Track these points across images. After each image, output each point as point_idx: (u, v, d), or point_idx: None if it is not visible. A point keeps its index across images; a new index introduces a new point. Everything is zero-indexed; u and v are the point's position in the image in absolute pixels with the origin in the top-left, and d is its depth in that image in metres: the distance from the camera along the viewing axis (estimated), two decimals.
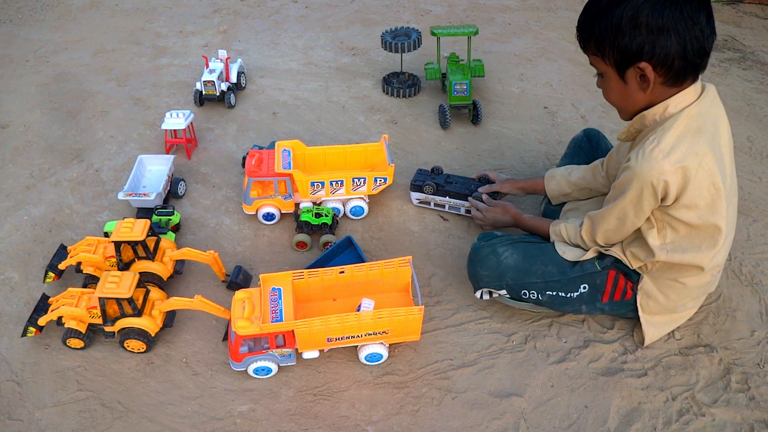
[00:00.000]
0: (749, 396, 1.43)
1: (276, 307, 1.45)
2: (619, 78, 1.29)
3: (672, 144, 1.24)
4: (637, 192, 1.29)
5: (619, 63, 1.27)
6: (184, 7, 3.25)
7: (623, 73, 1.28)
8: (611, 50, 1.26)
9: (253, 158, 1.86)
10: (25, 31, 3.03)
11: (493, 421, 1.40)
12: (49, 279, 1.67)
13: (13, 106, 2.46)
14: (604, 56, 1.28)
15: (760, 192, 2.01)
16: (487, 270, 1.52)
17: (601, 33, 1.25)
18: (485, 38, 2.88)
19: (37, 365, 1.52)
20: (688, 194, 1.26)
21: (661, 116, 1.29)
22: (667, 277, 1.42)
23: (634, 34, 1.21)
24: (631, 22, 1.21)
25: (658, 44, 1.21)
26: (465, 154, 2.19)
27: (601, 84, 1.37)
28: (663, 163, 1.23)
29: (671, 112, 1.27)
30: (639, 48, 1.22)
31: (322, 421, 1.40)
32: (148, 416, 1.41)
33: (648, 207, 1.31)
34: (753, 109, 2.44)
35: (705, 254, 1.36)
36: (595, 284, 1.48)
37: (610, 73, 1.31)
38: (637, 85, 1.28)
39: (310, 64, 2.73)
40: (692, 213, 1.30)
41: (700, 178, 1.25)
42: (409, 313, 1.43)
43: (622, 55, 1.25)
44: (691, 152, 1.24)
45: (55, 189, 2.05)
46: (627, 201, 1.32)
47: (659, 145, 1.24)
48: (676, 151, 1.23)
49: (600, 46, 1.27)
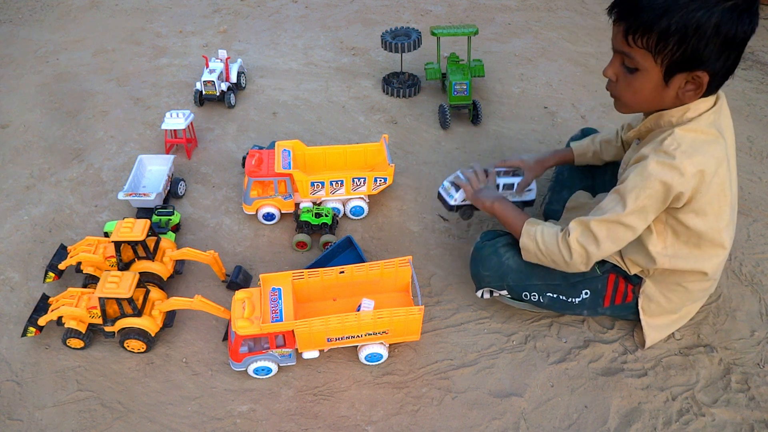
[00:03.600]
0: (749, 396, 1.43)
1: (276, 307, 1.45)
2: (662, 79, 1.20)
3: (694, 147, 1.20)
4: (650, 191, 1.22)
5: (676, 66, 1.16)
6: (184, 7, 3.25)
7: (671, 76, 1.18)
8: (674, 50, 1.14)
9: (253, 158, 1.87)
10: (25, 31, 3.03)
11: (493, 421, 1.40)
12: (49, 279, 1.67)
13: (13, 106, 2.46)
14: (659, 53, 1.16)
15: (760, 192, 2.01)
16: (488, 270, 1.51)
17: (671, 30, 1.12)
18: (485, 38, 2.88)
19: (37, 365, 1.52)
20: (700, 200, 1.24)
21: (679, 120, 1.24)
22: (670, 281, 1.41)
23: (711, 42, 1.12)
24: (714, 28, 1.10)
25: (723, 57, 1.15)
26: (465, 154, 2.19)
27: (620, 76, 1.26)
28: (685, 163, 1.19)
29: (689, 116, 1.24)
30: (708, 57, 1.13)
31: (322, 421, 1.40)
32: (148, 416, 1.41)
33: (655, 210, 1.26)
34: (753, 109, 2.44)
35: (708, 261, 1.34)
36: (596, 289, 1.47)
37: (652, 72, 1.19)
38: (677, 90, 1.20)
39: (310, 64, 2.73)
40: (699, 220, 1.27)
41: (715, 184, 1.23)
42: (409, 313, 1.43)
43: (685, 59, 1.15)
44: (711, 157, 1.21)
45: (55, 189, 2.05)
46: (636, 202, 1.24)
47: (681, 147, 1.19)
48: (697, 153, 1.20)
49: (660, 42, 1.14)
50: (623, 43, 1.20)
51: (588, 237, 1.31)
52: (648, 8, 1.13)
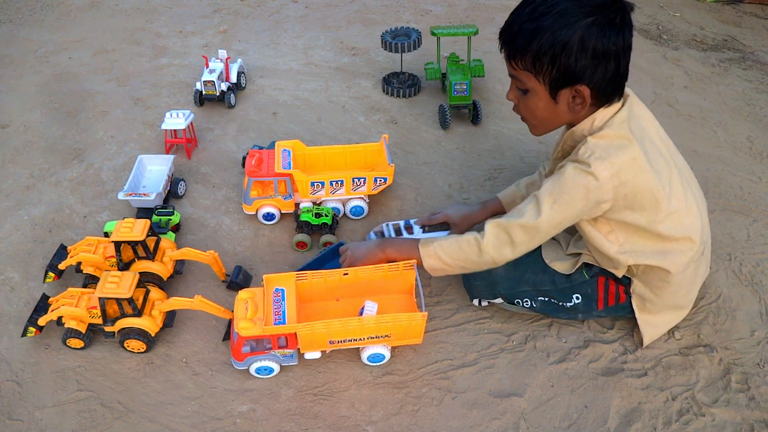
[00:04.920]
0: (749, 396, 1.43)
1: (279, 308, 1.45)
2: (549, 96, 1.28)
3: (607, 151, 1.24)
4: (567, 196, 1.27)
5: (556, 82, 1.24)
6: (184, 7, 3.25)
7: (556, 92, 1.26)
8: (550, 69, 1.23)
9: (253, 158, 1.87)
10: (25, 31, 3.03)
11: (493, 421, 1.40)
12: (49, 279, 1.67)
13: (13, 106, 2.46)
14: (539, 73, 1.25)
15: (760, 192, 2.01)
16: (478, 281, 1.53)
17: (542, 50, 1.21)
18: (485, 38, 2.88)
19: (37, 365, 1.52)
20: (630, 197, 1.27)
21: (590, 130, 1.30)
22: (654, 277, 1.42)
23: (580, 57, 1.19)
24: (579, 44, 1.18)
25: (599, 69, 1.21)
26: (465, 154, 2.19)
27: (519, 98, 1.35)
28: (599, 168, 1.23)
29: (598, 125, 1.29)
30: (582, 71, 1.21)
31: (322, 421, 1.40)
32: (148, 416, 1.41)
33: (572, 215, 1.30)
34: (753, 109, 2.44)
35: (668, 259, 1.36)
36: (586, 293, 1.48)
37: (539, 91, 1.28)
38: (567, 105, 1.28)
39: (310, 64, 2.73)
40: (638, 215, 1.30)
41: (640, 182, 1.26)
42: (411, 319, 1.43)
43: (561, 75, 1.23)
44: (625, 157, 1.24)
45: (55, 189, 2.05)
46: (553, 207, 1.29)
47: (594, 153, 1.24)
48: (609, 157, 1.23)
49: (536, 63, 1.24)
50: (510, 67, 1.31)
51: (503, 240, 1.36)
52: (520, 33, 1.24)
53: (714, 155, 2.17)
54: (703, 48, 2.89)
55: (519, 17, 1.26)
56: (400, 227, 1.77)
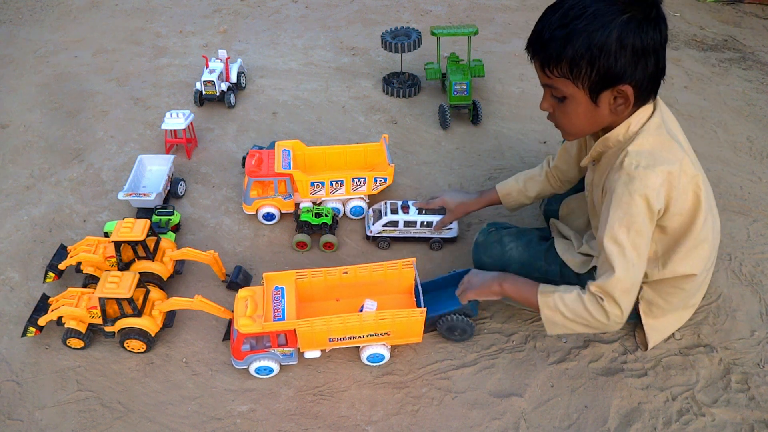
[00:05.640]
0: (749, 396, 1.43)
1: (278, 306, 1.45)
2: (590, 101, 1.23)
3: (653, 157, 1.22)
4: (634, 217, 1.23)
5: (596, 85, 1.20)
6: (184, 7, 3.25)
7: (597, 95, 1.22)
8: (589, 72, 1.19)
9: (253, 158, 1.87)
10: (25, 31, 3.03)
11: (493, 421, 1.40)
12: (49, 279, 1.67)
13: (13, 106, 2.46)
14: (576, 78, 1.20)
15: (760, 192, 2.01)
16: (490, 258, 1.53)
17: (578, 55, 1.17)
18: (485, 38, 2.88)
19: (37, 365, 1.52)
20: (676, 201, 1.26)
21: (625, 136, 1.27)
22: (668, 285, 1.41)
23: (620, 56, 1.15)
24: (617, 43, 1.15)
25: (640, 66, 1.18)
26: (465, 154, 2.19)
27: (555, 107, 1.29)
28: (651, 176, 1.21)
29: (633, 130, 1.26)
30: (623, 70, 1.17)
31: (322, 421, 1.40)
32: (148, 416, 1.41)
33: (647, 233, 1.26)
34: (753, 109, 2.44)
35: (694, 262, 1.35)
36: None
37: (578, 96, 1.23)
38: (609, 107, 1.24)
39: (310, 64, 2.73)
40: (680, 218, 1.29)
41: (685, 182, 1.25)
42: (411, 315, 1.43)
43: (601, 78, 1.19)
44: (673, 159, 1.23)
45: (55, 189, 2.05)
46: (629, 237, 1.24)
47: (641, 163, 1.22)
48: (657, 164, 1.22)
49: (574, 69, 1.19)
50: (544, 76, 1.25)
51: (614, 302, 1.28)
52: (552, 40, 1.19)
53: (714, 155, 2.17)
54: (703, 48, 2.89)
55: (549, 24, 1.20)
56: (398, 206, 1.79)
